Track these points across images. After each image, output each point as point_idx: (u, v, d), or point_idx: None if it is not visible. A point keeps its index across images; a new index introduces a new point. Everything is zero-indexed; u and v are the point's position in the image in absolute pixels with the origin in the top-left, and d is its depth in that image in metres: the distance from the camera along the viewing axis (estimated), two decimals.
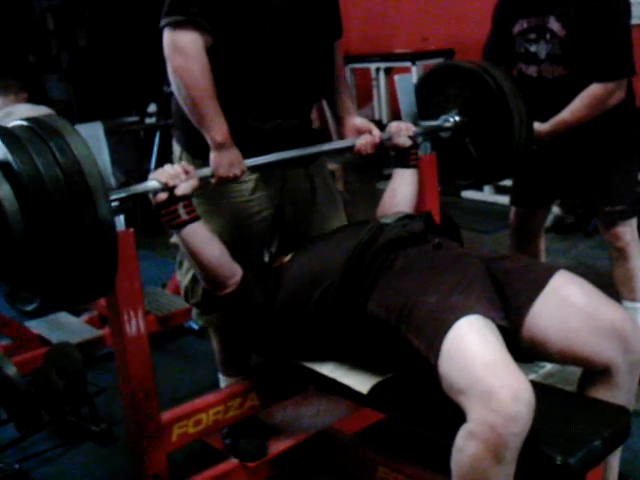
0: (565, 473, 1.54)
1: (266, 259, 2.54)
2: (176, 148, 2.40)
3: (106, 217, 1.63)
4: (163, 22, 2.08)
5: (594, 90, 2.61)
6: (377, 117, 6.34)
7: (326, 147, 2.39)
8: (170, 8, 2.07)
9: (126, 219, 1.93)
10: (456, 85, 2.56)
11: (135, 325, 1.98)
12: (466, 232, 4.66)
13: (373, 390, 1.87)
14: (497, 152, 2.50)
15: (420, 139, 2.51)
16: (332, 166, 5.02)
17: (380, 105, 6.39)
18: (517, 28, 2.74)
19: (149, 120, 5.94)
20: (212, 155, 2.12)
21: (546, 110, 2.67)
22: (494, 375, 1.52)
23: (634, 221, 2.83)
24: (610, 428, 1.65)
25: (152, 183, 1.93)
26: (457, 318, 1.64)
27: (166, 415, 2.14)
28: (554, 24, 2.63)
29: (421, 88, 2.65)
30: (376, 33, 6.49)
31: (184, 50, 2.06)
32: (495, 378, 1.51)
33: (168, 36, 2.08)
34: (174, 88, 2.14)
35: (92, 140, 1.87)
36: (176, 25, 2.05)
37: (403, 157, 2.43)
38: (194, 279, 2.38)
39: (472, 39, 5.88)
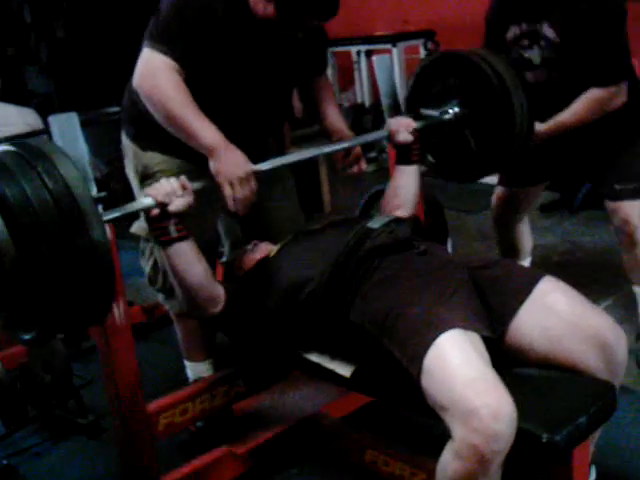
0: (551, 450, 1.54)
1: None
2: (125, 141, 2.38)
3: (101, 240, 1.56)
4: (147, 43, 2.06)
5: (595, 94, 2.58)
6: (359, 100, 6.32)
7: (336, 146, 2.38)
8: (157, 34, 2.06)
9: (110, 206, 1.87)
10: (456, 75, 2.44)
11: (117, 315, 1.97)
12: (450, 213, 4.68)
13: (356, 373, 1.87)
14: (497, 145, 2.39)
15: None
16: None
17: (362, 88, 6.36)
18: (510, 35, 2.70)
19: None
20: (210, 165, 2.04)
21: (544, 115, 2.61)
22: (474, 394, 1.51)
23: None
24: (596, 404, 1.65)
25: (147, 200, 1.86)
26: (439, 333, 1.62)
27: (152, 405, 2.14)
28: (547, 30, 2.59)
29: (420, 78, 2.55)
30: (356, 16, 6.44)
31: (156, 70, 2.04)
32: (475, 397, 1.51)
33: (145, 55, 2.06)
34: (153, 112, 2.09)
35: (67, 131, 1.86)
36: (157, 50, 2.04)
37: (405, 153, 2.35)
38: (155, 266, 2.40)
39: (453, 20, 5.91)
